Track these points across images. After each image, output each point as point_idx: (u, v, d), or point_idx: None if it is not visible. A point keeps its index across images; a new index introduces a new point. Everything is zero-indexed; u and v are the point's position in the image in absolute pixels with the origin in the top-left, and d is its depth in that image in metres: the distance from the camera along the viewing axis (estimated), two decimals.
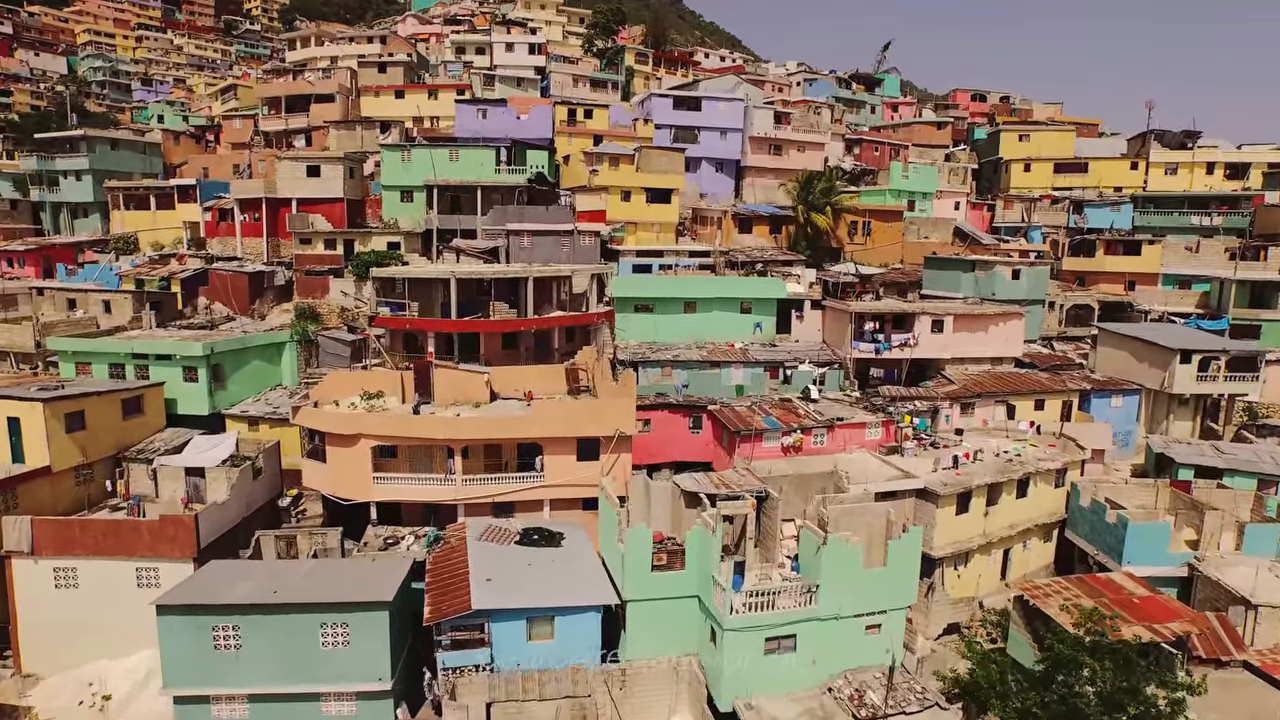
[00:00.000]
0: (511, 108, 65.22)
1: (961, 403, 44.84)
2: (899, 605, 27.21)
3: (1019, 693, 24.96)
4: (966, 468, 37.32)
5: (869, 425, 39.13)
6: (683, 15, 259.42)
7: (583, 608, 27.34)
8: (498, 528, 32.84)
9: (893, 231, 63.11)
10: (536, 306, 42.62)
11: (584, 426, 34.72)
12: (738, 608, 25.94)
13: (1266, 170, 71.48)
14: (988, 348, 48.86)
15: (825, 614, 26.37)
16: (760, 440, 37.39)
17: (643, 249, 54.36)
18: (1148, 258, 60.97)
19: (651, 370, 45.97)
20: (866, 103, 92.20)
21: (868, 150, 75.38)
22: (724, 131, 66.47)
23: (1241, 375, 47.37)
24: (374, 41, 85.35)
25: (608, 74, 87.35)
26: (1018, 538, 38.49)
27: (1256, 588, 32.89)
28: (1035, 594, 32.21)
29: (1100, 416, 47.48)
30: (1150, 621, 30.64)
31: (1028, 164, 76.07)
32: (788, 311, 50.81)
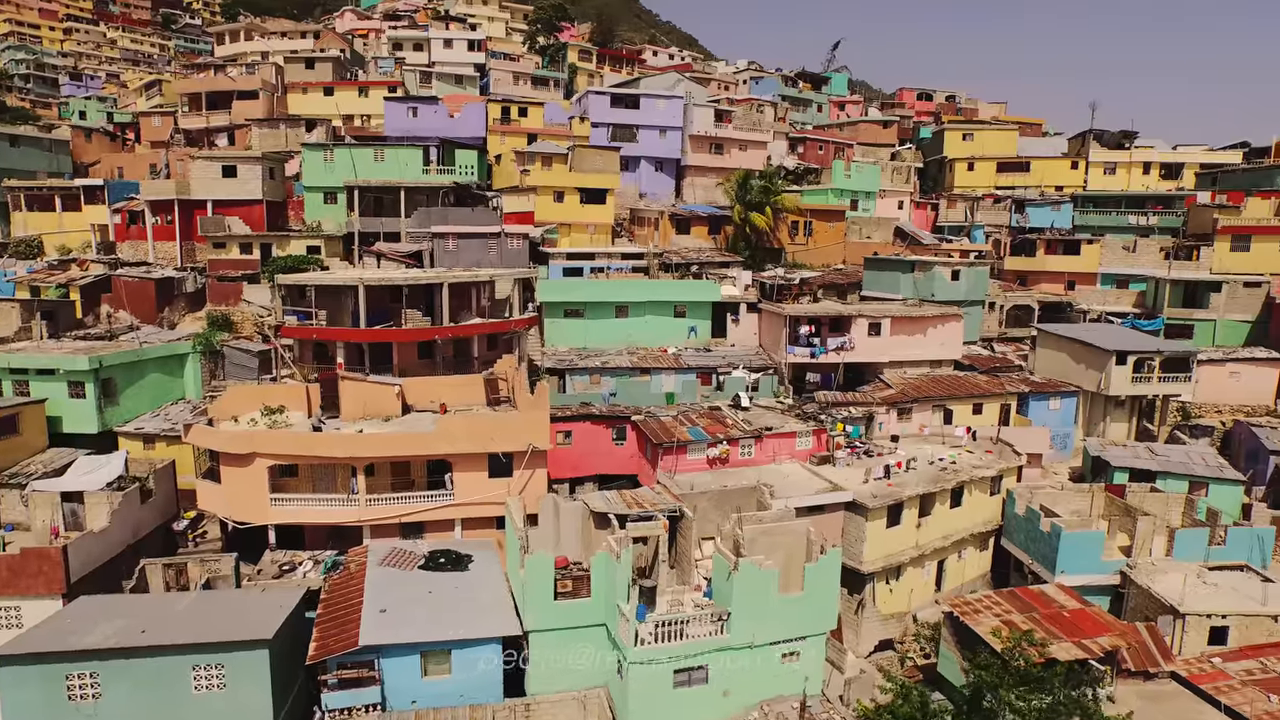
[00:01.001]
0: (443, 105, 63.06)
1: (898, 408, 43.85)
2: (818, 631, 25.80)
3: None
4: (899, 477, 36.20)
5: (799, 434, 37.82)
6: (639, 14, 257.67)
7: (482, 640, 25.52)
8: (402, 551, 30.85)
9: (835, 231, 62.16)
10: (454, 313, 40.66)
11: (494, 441, 32.85)
12: (644, 638, 24.33)
13: (1199, 171, 72.07)
14: (926, 350, 48.00)
15: (738, 643, 24.87)
16: (684, 452, 35.86)
17: (573, 251, 52.57)
18: (1087, 257, 60.79)
19: (579, 378, 44.37)
20: (813, 101, 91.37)
21: (812, 149, 74.39)
22: (663, 130, 64.90)
23: (1175, 376, 47.07)
24: (307, 37, 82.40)
25: (550, 71, 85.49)
26: (952, 548, 37.48)
27: (1184, 596, 32.20)
28: (965, 610, 31.12)
29: (1038, 419, 46.87)
30: (1080, 636, 29.73)
31: (971, 163, 75.78)
32: (724, 315, 49.49)
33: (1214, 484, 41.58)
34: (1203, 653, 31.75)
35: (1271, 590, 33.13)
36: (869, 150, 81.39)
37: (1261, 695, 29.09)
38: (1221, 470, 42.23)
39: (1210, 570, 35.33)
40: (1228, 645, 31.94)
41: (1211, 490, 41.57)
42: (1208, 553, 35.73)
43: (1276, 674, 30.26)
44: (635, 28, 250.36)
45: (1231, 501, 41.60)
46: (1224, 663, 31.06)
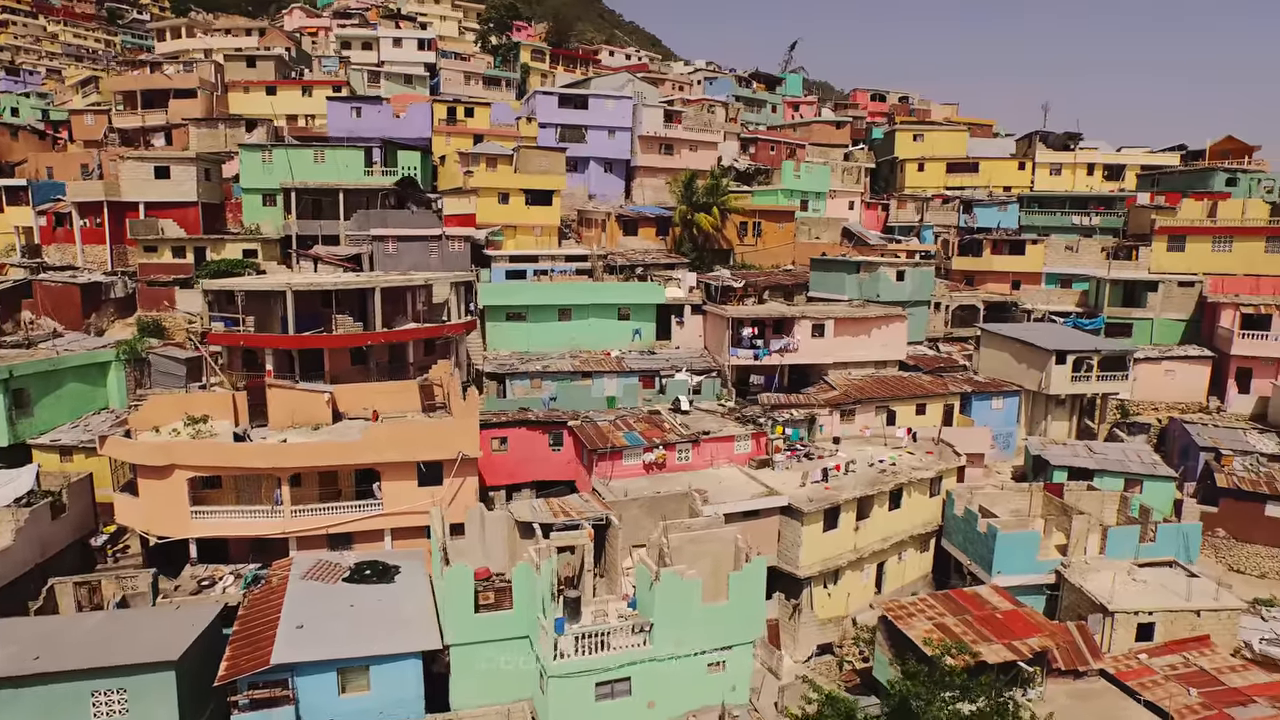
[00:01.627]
0: (388, 105, 61.99)
1: (841, 409, 43.82)
2: (744, 640, 25.49)
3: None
4: (837, 480, 36.07)
5: (738, 438, 37.53)
6: (602, 14, 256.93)
7: (401, 655, 24.83)
8: (327, 563, 30.00)
9: (783, 232, 62.11)
10: (389, 318, 39.80)
11: (423, 449, 32.15)
12: (566, 651, 23.86)
13: (1139, 172, 73.40)
14: (871, 351, 48.04)
15: (662, 654, 24.48)
16: (620, 458, 35.39)
17: (516, 254, 51.90)
18: (1031, 257, 61.46)
19: (520, 382, 43.76)
20: (767, 102, 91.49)
21: (763, 149, 74.45)
22: (612, 130, 64.48)
23: (1112, 375, 47.64)
24: (252, 34, 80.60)
25: (502, 71, 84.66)
26: (892, 550, 37.47)
27: (1114, 594, 32.51)
28: (899, 614, 31.07)
29: (981, 419, 47.13)
30: (1011, 638, 29.85)
31: (921, 164, 76.38)
32: (668, 317, 49.16)
33: (1148, 481, 42.18)
34: (1131, 649, 32.07)
35: (1195, 585, 33.60)
36: (822, 151, 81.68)
37: (1182, 689, 29.46)
38: (1155, 467, 42.83)
39: (1140, 567, 35.74)
40: (1154, 641, 32.33)
41: (1146, 487, 42.16)
42: (1138, 550, 36.09)
43: (1197, 668, 30.67)
44: (598, 27, 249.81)
45: (1165, 498, 42.24)
46: (1150, 659, 31.40)
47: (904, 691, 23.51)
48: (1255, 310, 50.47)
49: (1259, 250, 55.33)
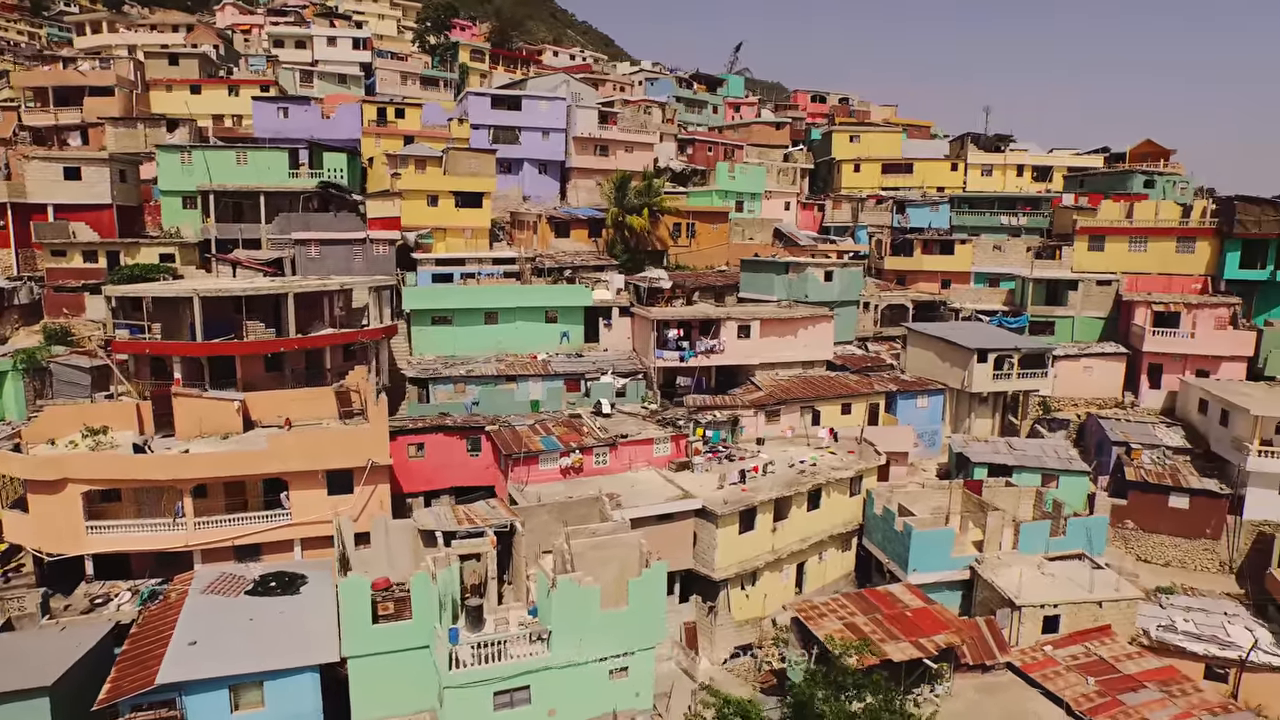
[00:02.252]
0: (316, 106, 60.80)
1: (766, 410, 44.09)
2: (645, 645, 25.43)
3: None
4: (755, 481, 36.28)
5: (657, 441, 37.53)
6: (554, 14, 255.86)
7: (297, 669, 24.29)
8: (230, 576, 29.29)
9: (718, 233, 62.34)
10: (305, 324, 39.02)
11: (331, 458, 31.61)
12: (464, 660, 23.59)
13: (1066, 174, 75.19)
14: (798, 351, 48.47)
15: (561, 661, 24.32)
16: (536, 463, 35.16)
17: (442, 257, 51.28)
18: (960, 257, 62.54)
19: (443, 387, 43.34)
20: (708, 103, 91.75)
21: (700, 150, 74.64)
22: (546, 132, 64.04)
23: (1033, 372, 48.68)
24: (179, 30, 78.45)
25: (439, 71, 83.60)
26: (812, 550, 37.79)
27: (1021, 589, 33.15)
28: (810, 614, 31.39)
29: (906, 417, 47.84)
30: (920, 634, 30.35)
31: (857, 164, 77.23)
32: (597, 320, 49.04)
33: (1064, 476, 43.21)
34: (1037, 641, 32.80)
35: (1099, 577, 34.45)
36: (762, 151, 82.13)
37: (1081, 678, 30.29)
38: (1071, 463, 43.87)
39: (1050, 561, 36.51)
40: (1059, 632, 33.07)
41: (1062, 482, 43.19)
42: (1048, 544, 36.87)
43: (1097, 657, 31.55)
44: (550, 27, 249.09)
45: (1079, 492, 43.31)
46: (1054, 650, 32.18)
47: (799, 692, 23.63)
48: (1166, 308, 51.99)
49: (1171, 250, 56.98)
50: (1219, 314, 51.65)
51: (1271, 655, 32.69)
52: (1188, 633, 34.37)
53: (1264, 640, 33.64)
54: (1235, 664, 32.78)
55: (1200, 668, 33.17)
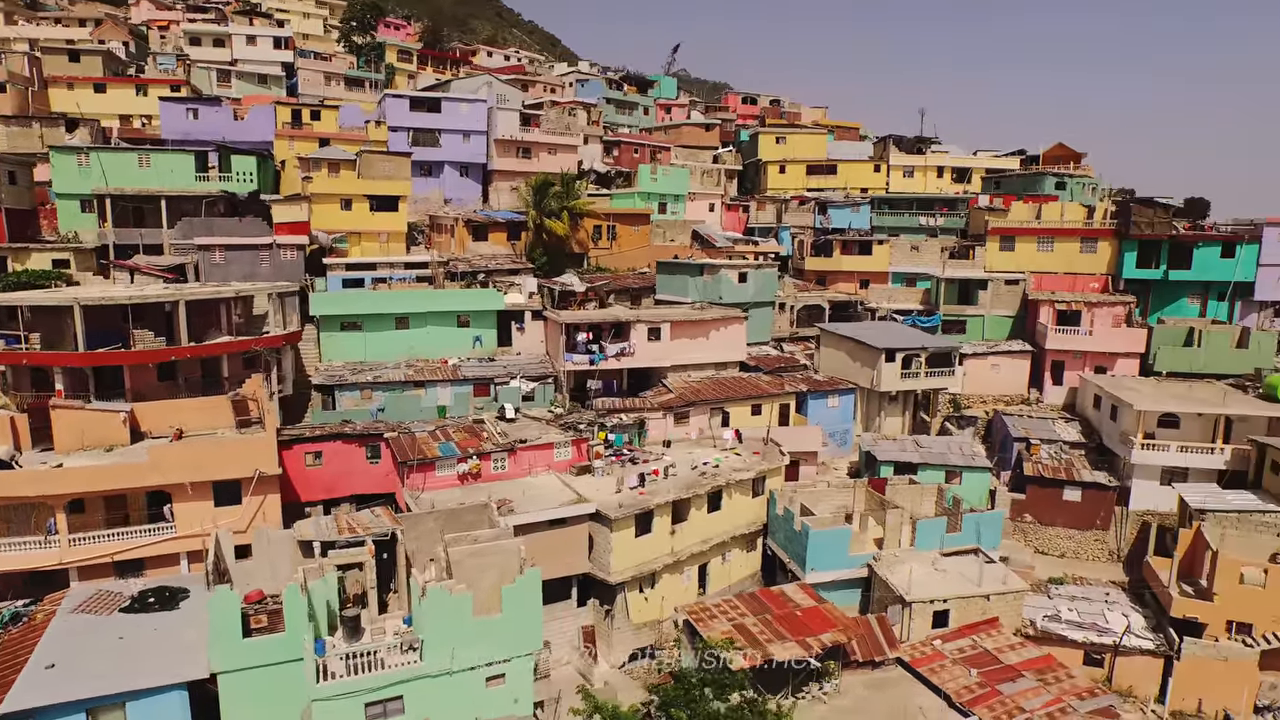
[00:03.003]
0: (227, 107, 59.52)
1: (675, 412, 44.39)
2: (522, 652, 25.44)
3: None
4: (655, 485, 36.51)
5: (558, 445, 37.53)
6: (500, 13, 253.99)
7: (163, 687, 23.78)
8: (105, 593, 28.55)
9: (639, 235, 62.54)
10: (200, 331, 38.17)
11: (217, 468, 31.03)
12: (335, 672, 23.36)
13: (984, 175, 77.11)
14: (710, 353, 48.90)
15: (434, 670, 24.22)
16: (433, 469, 34.93)
17: (353, 262, 50.56)
18: (878, 257, 63.74)
19: (350, 393, 42.83)
20: (639, 104, 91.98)
21: (627, 152, 74.75)
22: (467, 134, 63.49)
23: (940, 371, 49.79)
24: (86, 24, 75.99)
25: (365, 72, 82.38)
26: (714, 551, 38.13)
27: (911, 585, 33.90)
28: (699, 616, 31.76)
29: (818, 417, 48.55)
30: (808, 634, 30.88)
31: (783, 166, 78.19)
32: (510, 323, 48.89)
33: (967, 472, 44.31)
34: (927, 636, 33.60)
35: (988, 571, 35.40)
36: (692, 153, 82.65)
37: (965, 671, 31.10)
38: (973, 459, 44.98)
39: (946, 556, 37.47)
40: (949, 626, 33.93)
41: (965, 478, 44.30)
42: (943, 540, 37.80)
43: (983, 649, 32.44)
44: (496, 26, 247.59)
45: (981, 488, 44.48)
46: (943, 644, 32.98)
47: (665, 695, 23.90)
48: (1068, 307, 53.67)
49: (1075, 250, 58.80)
50: (1116, 312, 53.51)
51: (1142, 639, 34.02)
52: (1070, 621, 35.58)
53: (1137, 625, 35.01)
54: (1110, 649, 34.04)
55: (1080, 654, 34.46)
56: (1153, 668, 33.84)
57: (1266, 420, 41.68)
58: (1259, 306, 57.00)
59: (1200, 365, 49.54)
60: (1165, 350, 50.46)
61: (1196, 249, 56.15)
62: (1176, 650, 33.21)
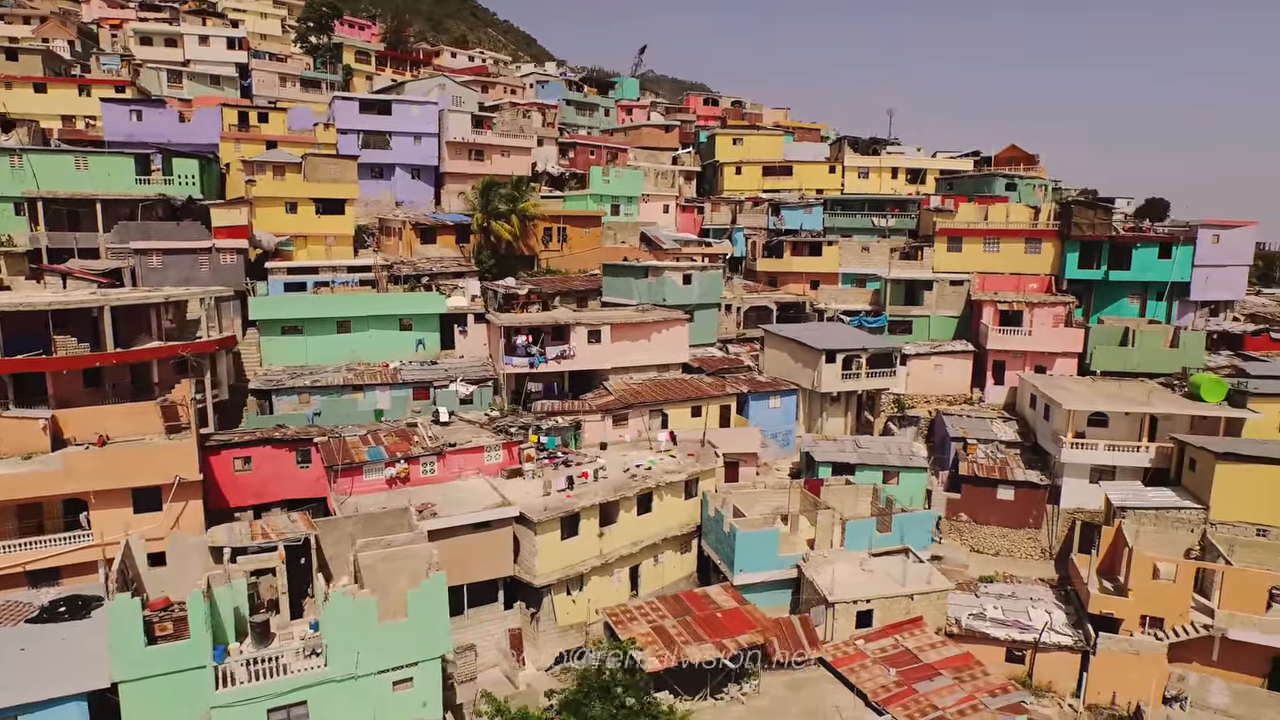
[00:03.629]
0: (172, 109, 59.03)
1: (613, 414, 44.59)
2: (429, 656, 25.53)
3: None
4: (584, 487, 36.68)
5: (489, 449, 37.62)
6: (475, 12, 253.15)
7: (61, 699, 23.61)
8: (13, 604, 28.23)
9: (590, 237, 62.69)
10: (130, 336, 37.95)
11: (134, 475, 30.90)
12: (238, 678, 23.35)
13: (938, 176, 77.93)
14: (653, 355, 49.13)
15: (339, 675, 24.25)
16: (360, 474, 34.93)
17: (295, 265, 50.40)
18: (828, 258, 64.29)
19: (288, 398, 42.71)
20: (600, 105, 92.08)
21: (582, 154, 74.88)
22: (418, 136, 63.37)
23: (881, 371, 50.34)
24: (31, 22, 75.00)
25: (322, 73, 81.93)
26: (645, 553, 38.34)
27: (834, 586, 34.29)
28: (619, 619, 31.99)
29: (759, 418, 48.90)
30: (726, 635, 31.14)
31: (739, 167, 78.67)
32: (453, 326, 48.92)
33: (904, 472, 44.85)
34: (851, 636, 34.00)
35: (915, 570, 35.86)
36: (651, 154, 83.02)
37: (884, 670, 31.49)
38: (911, 459, 45.53)
39: (875, 556, 37.91)
40: (873, 626, 34.36)
41: (902, 478, 44.88)
42: (873, 540, 38.24)
43: (904, 649, 32.84)
44: (471, 26, 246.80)
45: (918, 488, 45.07)
46: (866, 644, 33.40)
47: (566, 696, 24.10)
48: (1010, 307, 54.42)
49: (1020, 251, 59.60)
50: (1056, 312, 54.29)
51: (1061, 635, 34.60)
52: (995, 619, 36.10)
53: (1059, 622, 35.59)
54: (1030, 646, 34.60)
55: (1002, 652, 34.97)
56: (1070, 663, 34.42)
57: (1190, 418, 42.52)
58: (1195, 306, 58.22)
59: (1134, 364, 50.38)
60: (1101, 350, 51.26)
61: (1135, 250, 57.15)
62: (1092, 645, 33.81)
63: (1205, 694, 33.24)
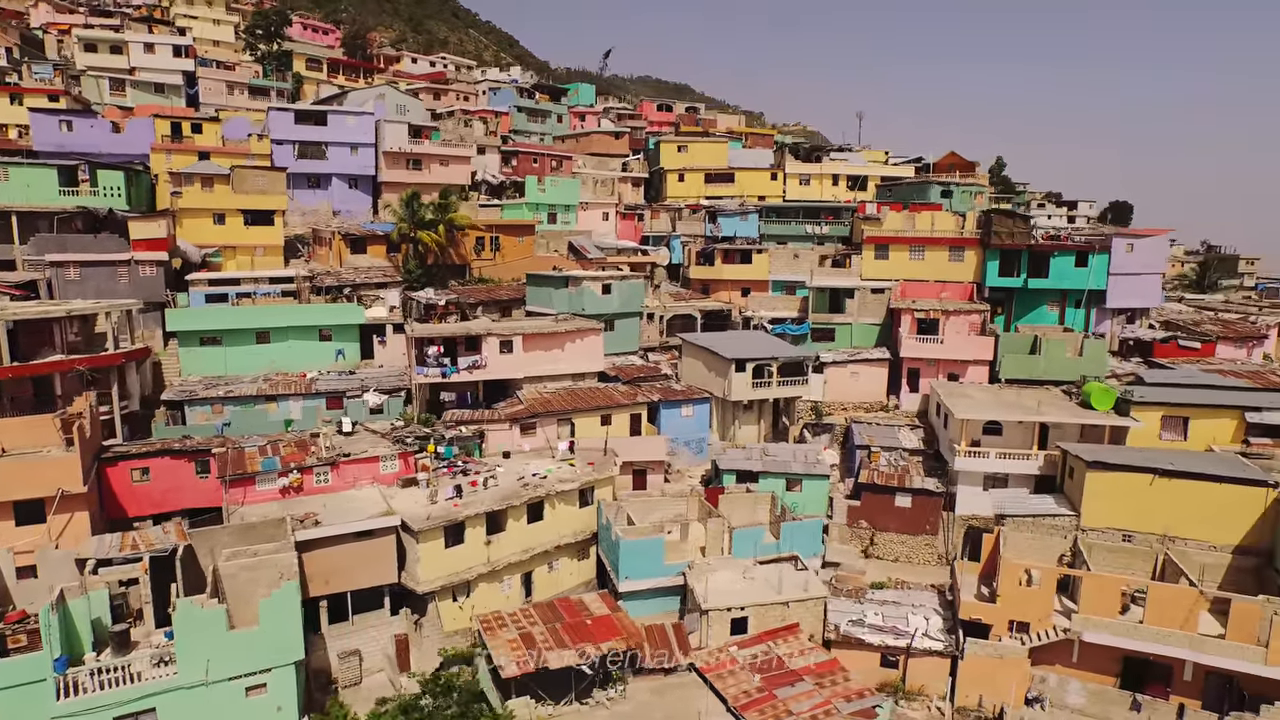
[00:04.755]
0: (104, 120, 59.82)
1: (521, 423, 45.55)
2: (282, 663, 26.54)
3: None
4: (474, 496, 37.66)
5: (384, 458, 38.58)
6: (456, 13, 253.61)
7: None
8: None
9: (523, 246, 63.71)
10: (34, 350, 38.78)
11: (13, 488, 31.67)
12: (85, 687, 24.31)
13: (879, 183, 79.08)
14: (568, 364, 50.10)
15: (190, 682, 25.25)
16: (253, 484, 35.87)
17: (215, 277, 51.24)
18: (758, 265, 65.40)
19: (201, 408, 43.57)
20: (552, 112, 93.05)
21: (525, 162, 75.84)
22: (355, 147, 64.35)
23: (794, 380, 51.42)
24: None
25: (271, 81, 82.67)
26: (537, 560, 39.30)
27: (709, 594, 35.34)
28: (490, 625, 32.99)
29: (671, 426, 49.90)
30: (589, 641, 32.16)
31: (682, 174, 79.72)
32: (372, 337, 49.86)
33: (806, 479, 45.88)
34: (725, 642, 35.01)
35: (795, 577, 36.95)
36: (601, 160, 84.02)
37: (750, 676, 32.52)
38: (813, 466, 46.52)
39: (762, 564, 38.93)
40: (749, 633, 35.40)
41: (805, 485, 45.91)
42: (759, 548, 39.32)
43: (775, 655, 33.85)
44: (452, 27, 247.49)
45: (821, 495, 46.13)
46: (739, 650, 34.41)
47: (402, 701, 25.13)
48: (926, 315, 55.52)
49: (944, 259, 60.73)
50: (972, 320, 55.40)
51: (932, 641, 35.69)
52: (873, 625, 37.13)
53: (934, 628, 36.67)
54: (903, 651, 35.72)
55: (877, 657, 36.04)
56: (941, 667, 35.50)
57: (1080, 427, 43.71)
58: (1112, 313, 59.48)
59: (1040, 372, 51.52)
60: (1010, 358, 52.39)
61: (1053, 259, 58.29)
62: (961, 650, 34.94)
63: (1064, 694, 34.42)
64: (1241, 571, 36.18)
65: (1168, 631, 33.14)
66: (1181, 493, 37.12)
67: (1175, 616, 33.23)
